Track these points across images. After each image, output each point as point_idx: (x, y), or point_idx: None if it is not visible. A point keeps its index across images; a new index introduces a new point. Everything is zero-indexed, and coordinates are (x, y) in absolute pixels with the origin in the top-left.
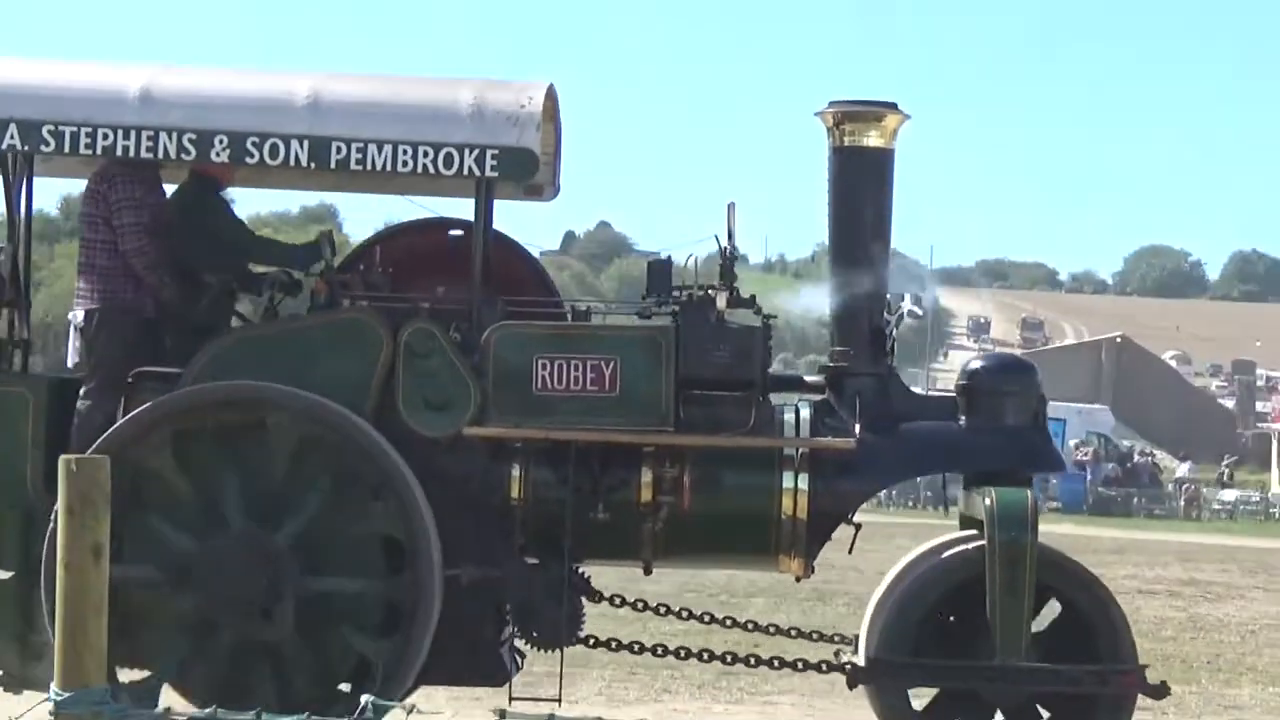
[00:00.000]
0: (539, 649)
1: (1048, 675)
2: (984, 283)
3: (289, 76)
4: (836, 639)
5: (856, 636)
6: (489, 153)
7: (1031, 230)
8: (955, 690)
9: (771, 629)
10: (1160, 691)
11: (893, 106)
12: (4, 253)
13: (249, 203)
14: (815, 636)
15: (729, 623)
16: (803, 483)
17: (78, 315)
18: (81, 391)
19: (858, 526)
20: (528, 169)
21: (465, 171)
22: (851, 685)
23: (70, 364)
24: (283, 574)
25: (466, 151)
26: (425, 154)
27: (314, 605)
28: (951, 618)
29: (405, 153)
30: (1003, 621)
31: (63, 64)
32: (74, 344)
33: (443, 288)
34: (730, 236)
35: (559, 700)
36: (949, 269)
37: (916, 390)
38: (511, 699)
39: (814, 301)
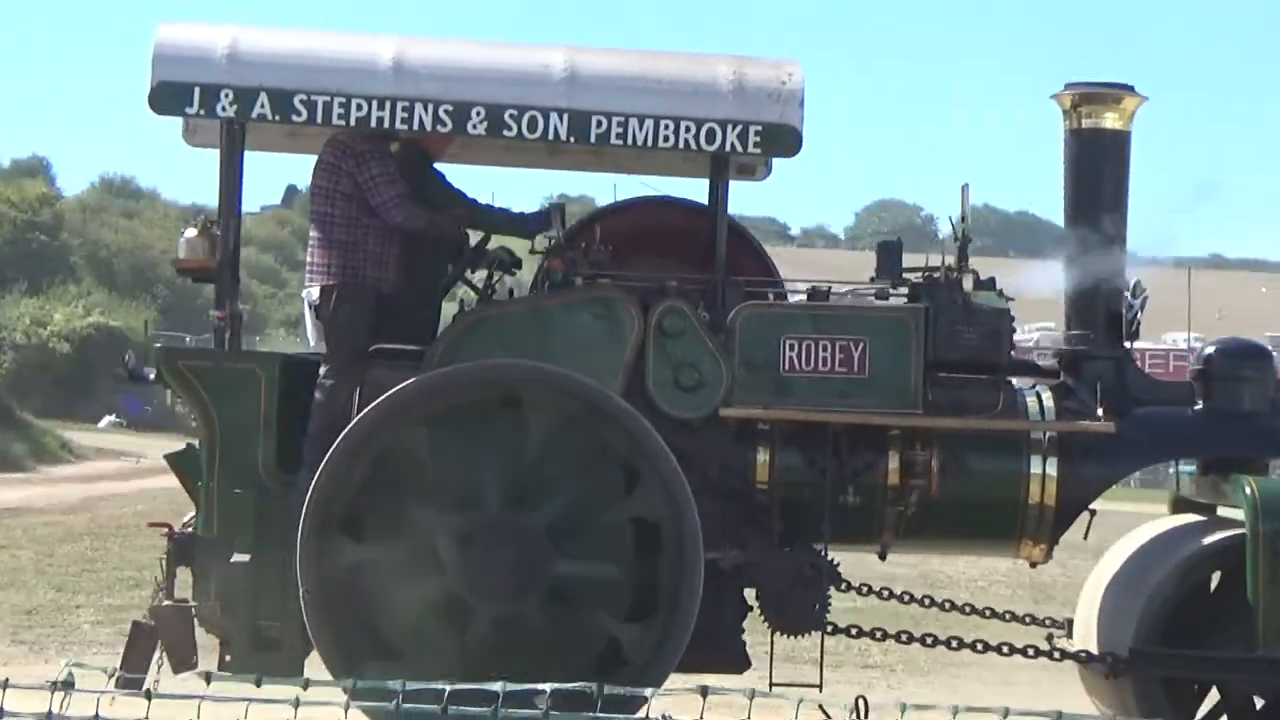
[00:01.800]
0: (788, 635)
1: None
2: None
3: (541, 49)
4: (1048, 623)
5: (1069, 621)
6: (752, 129)
7: (760, 186)
8: (1191, 681)
9: (987, 612)
10: None
11: (1130, 89)
12: (206, 223)
13: None
14: (1028, 620)
15: (948, 606)
16: (1051, 468)
17: (313, 293)
18: (322, 371)
19: (1093, 513)
20: (791, 146)
21: (728, 148)
22: (1111, 676)
23: (312, 343)
24: (540, 557)
25: (730, 128)
26: (688, 129)
27: (566, 589)
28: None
29: (667, 128)
30: (1266, 612)
31: (298, 32)
32: (311, 322)
33: (668, 267)
34: (964, 218)
35: (820, 686)
36: None
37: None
38: (772, 685)
39: (1043, 281)
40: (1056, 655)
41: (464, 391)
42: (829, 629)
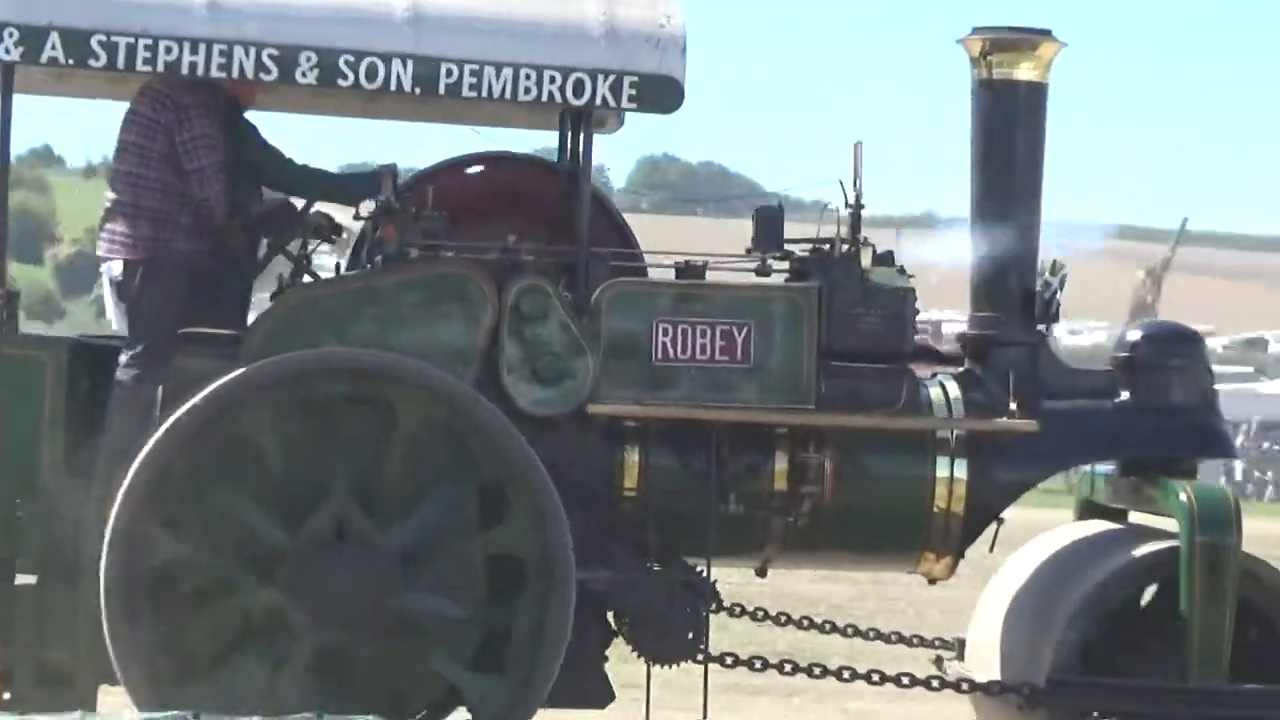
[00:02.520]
0: (661, 664)
1: (1257, 697)
2: None
3: None
4: (938, 644)
5: (960, 641)
6: (627, 79)
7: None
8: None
9: (871, 634)
10: None
11: (1047, 34)
12: None
13: None
14: (915, 641)
15: (828, 627)
16: (960, 471)
17: (114, 268)
18: (123, 358)
19: (1000, 521)
20: (671, 99)
21: (599, 101)
22: (1026, 709)
23: (115, 325)
24: (387, 585)
25: (600, 78)
26: (552, 80)
27: (406, 623)
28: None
29: (528, 78)
30: (1202, 636)
31: None
32: (113, 302)
33: (513, 236)
34: (857, 181)
35: (704, 716)
36: None
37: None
38: (648, 716)
39: (949, 254)
40: (964, 687)
41: (321, 380)
42: (713, 657)
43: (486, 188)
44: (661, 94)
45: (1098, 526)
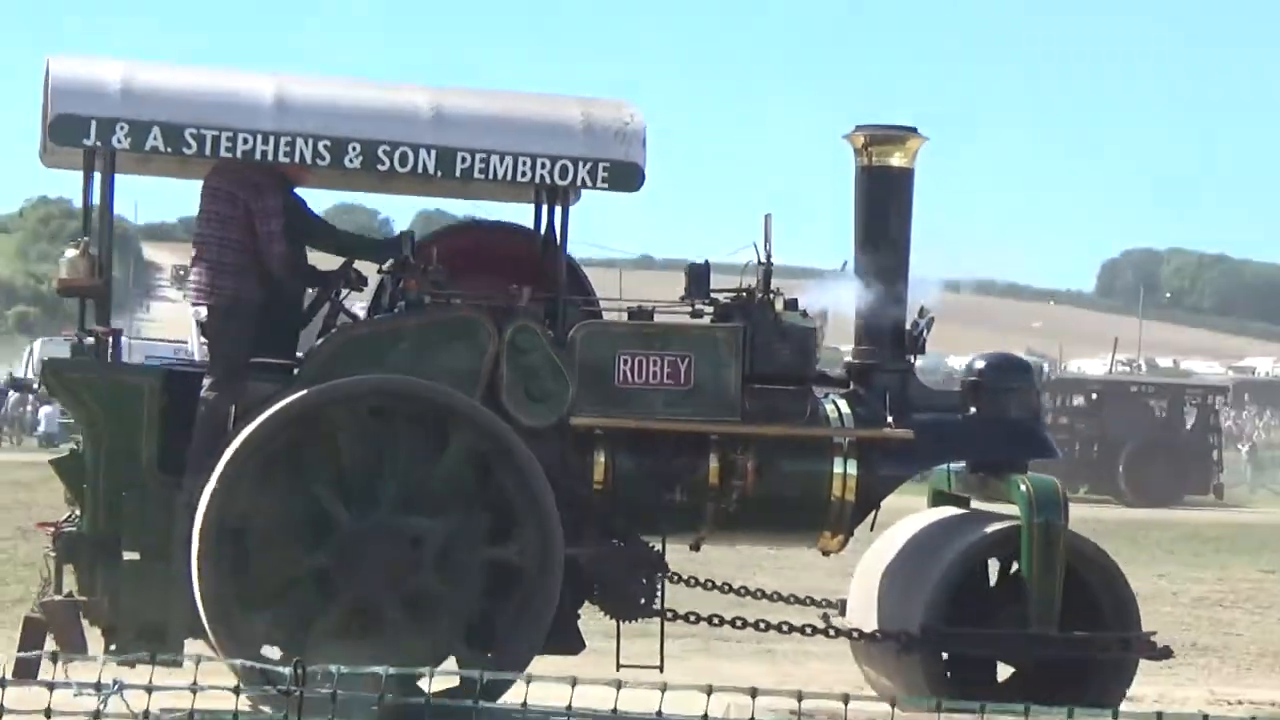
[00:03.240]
0: (624, 620)
1: (1080, 642)
2: (185, 235)
3: (407, 89)
4: (825, 604)
5: (842, 601)
6: (601, 165)
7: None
8: (974, 657)
9: (775, 596)
10: (1165, 654)
11: (914, 130)
12: (87, 245)
13: None
14: (799, 600)
15: (726, 589)
16: (852, 468)
17: (201, 312)
18: (206, 383)
19: (877, 507)
20: (634, 181)
21: (580, 182)
22: (903, 653)
23: (196, 356)
24: (415, 569)
25: (581, 164)
26: (543, 165)
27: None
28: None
29: (524, 164)
30: (1038, 595)
31: (185, 69)
32: (196, 336)
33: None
34: (767, 244)
35: (660, 667)
36: (152, 224)
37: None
38: (620, 666)
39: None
40: (855, 636)
41: (384, 400)
42: (669, 615)
43: (478, 248)
44: (627, 177)
45: (949, 511)
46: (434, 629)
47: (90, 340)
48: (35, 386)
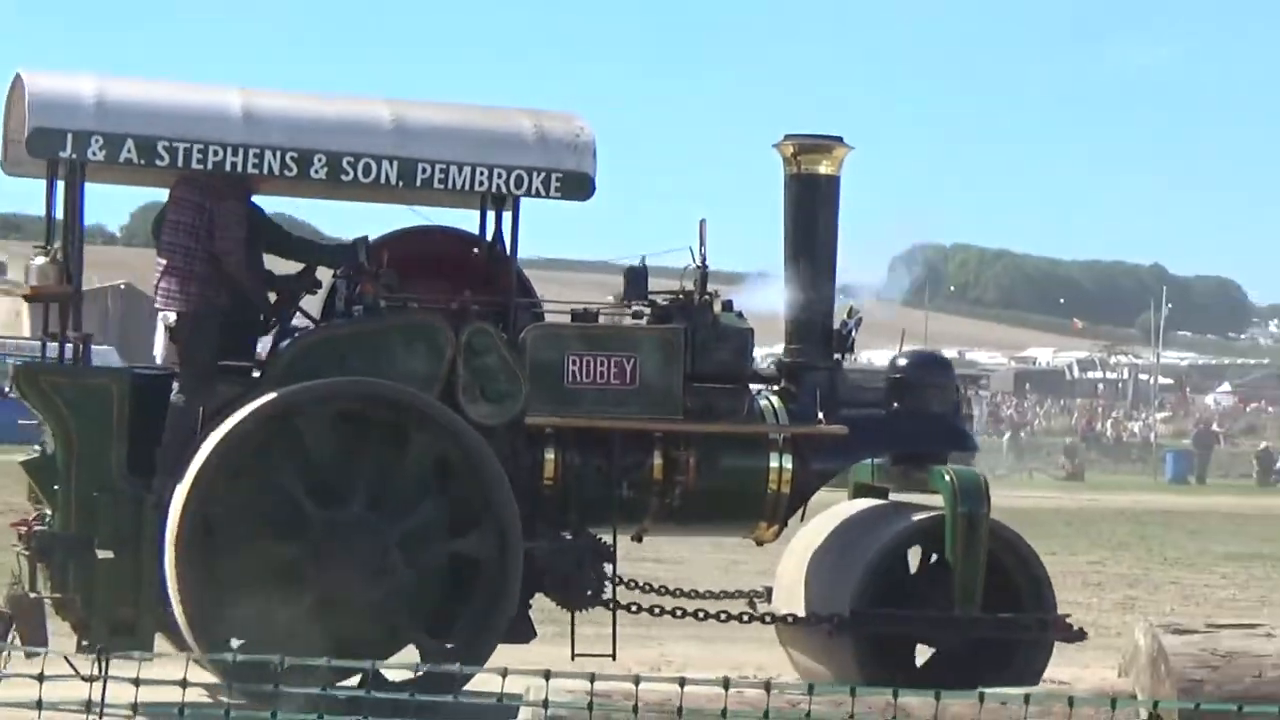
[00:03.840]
0: (575, 610)
1: (1002, 623)
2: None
3: (368, 102)
4: (751, 593)
5: (769, 589)
6: (554, 175)
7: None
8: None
9: (707, 591)
10: (1080, 635)
11: (840, 140)
12: (56, 252)
13: None
14: (727, 594)
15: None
16: (788, 463)
17: (169, 316)
18: (176, 386)
19: (809, 498)
20: (585, 190)
21: (533, 192)
22: (834, 635)
23: (160, 359)
24: (384, 562)
25: (535, 174)
26: (499, 175)
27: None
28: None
29: (482, 174)
30: (962, 579)
31: (155, 83)
32: (163, 341)
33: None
34: (702, 248)
35: (613, 655)
36: None
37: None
38: (574, 655)
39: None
40: (789, 620)
41: (351, 402)
42: (623, 606)
43: (425, 253)
44: (579, 186)
45: (871, 502)
46: (397, 620)
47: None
48: (6, 390)
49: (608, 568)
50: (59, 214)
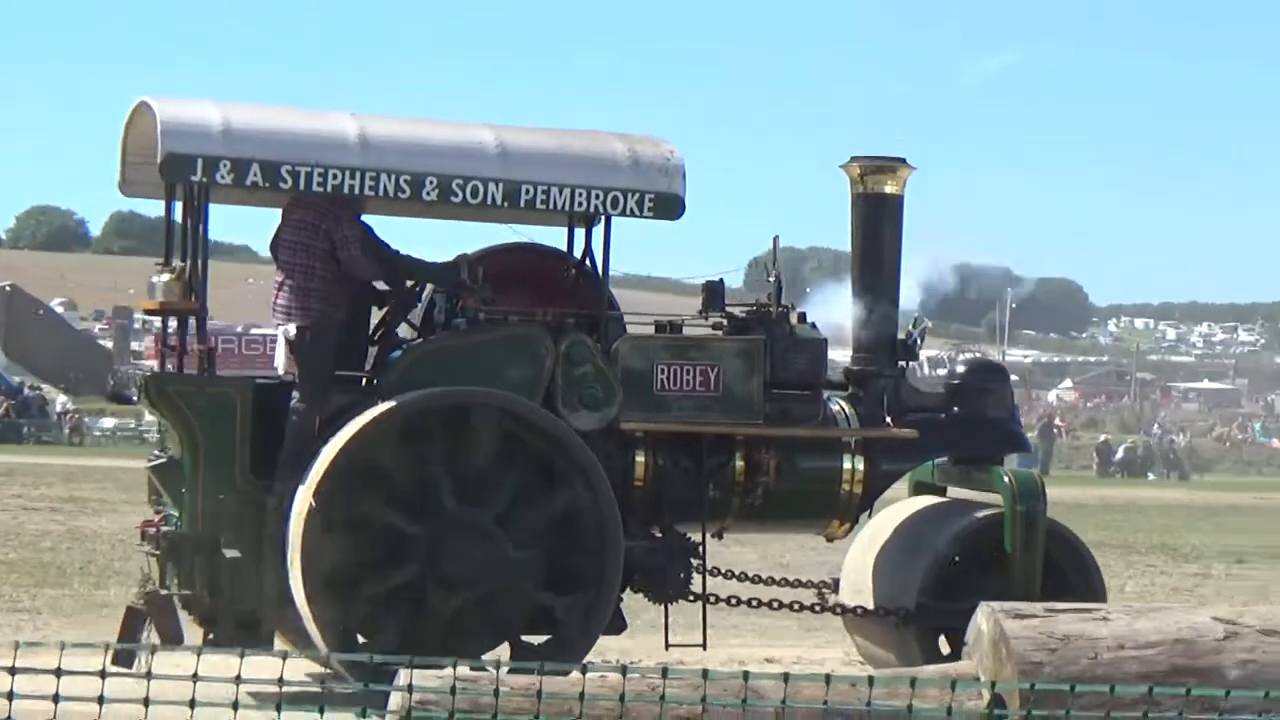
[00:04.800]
0: (665, 603)
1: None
2: None
3: (472, 127)
4: (820, 585)
5: (836, 580)
6: (647, 197)
7: None
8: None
9: (784, 580)
10: None
11: (903, 161)
12: (183, 269)
13: None
14: (808, 583)
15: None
16: (860, 464)
17: (289, 330)
18: (295, 395)
19: (877, 496)
20: (675, 210)
21: (628, 212)
22: (901, 626)
23: (280, 370)
24: (496, 546)
25: (630, 195)
26: (597, 196)
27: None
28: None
29: (581, 195)
30: (1021, 572)
31: (275, 109)
32: (283, 353)
33: (537, 303)
34: (776, 263)
35: (704, 645)
36: None
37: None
38: (668, 646)
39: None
40: (859, 612)
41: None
42: (692, 598)
43: (518, 267)
44: (670, 207)
45: (931, 499)
46: (503, 619)
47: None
48: (134, 399)
49: (694, 563)
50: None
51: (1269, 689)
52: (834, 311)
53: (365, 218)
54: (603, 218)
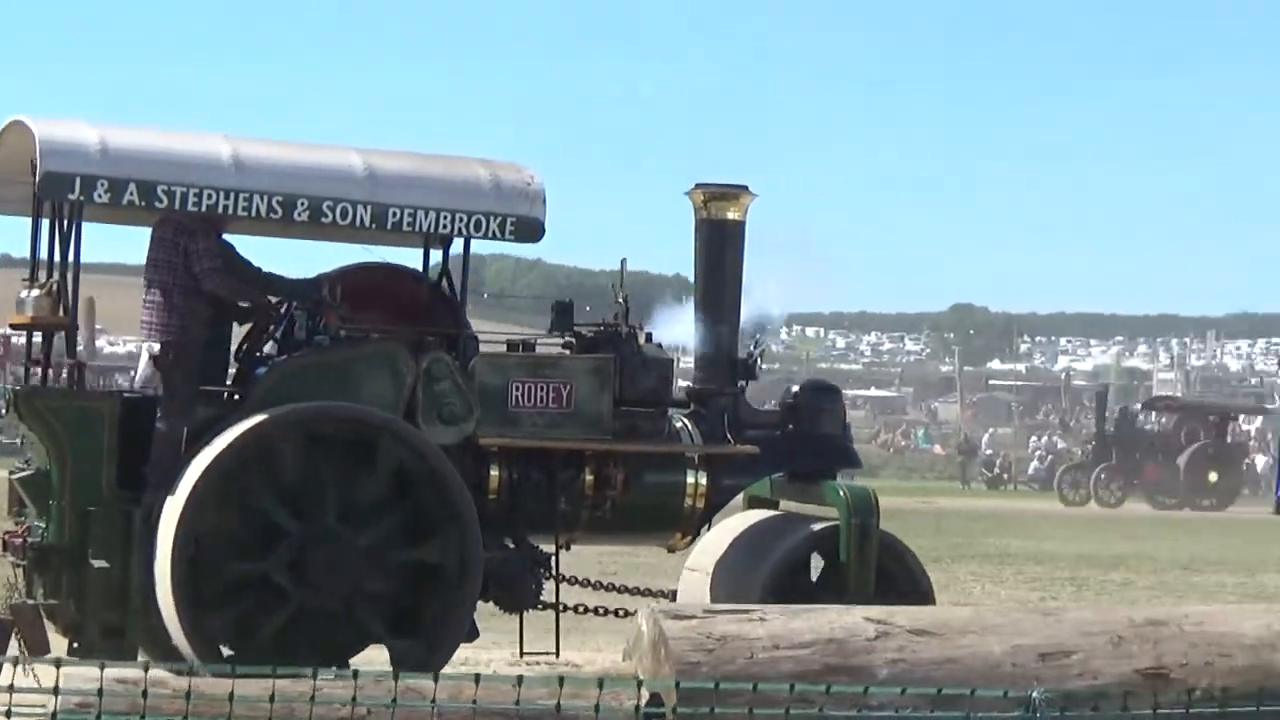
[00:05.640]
0: (513, 612)
1: None
2: None
3: (340, 150)
4: (659, 595)
5: (674, 592)
6: (509, 220)
7: None
8: None
9: (623, 588)
10: None
11: (745, 188)
12: (52, 285)
13: None
14: (645, 591)
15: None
16: (703, 479)
17: (154, 346)
18: (160, 411)
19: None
20: (536, 234)
21: (490, 235)
22: None
23: (139, 385)
24: (358, 570)
25: (492, 219)
26: (461, 220)
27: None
28: None
29: (445, 218)
30: (856, 584)
31: (151, 131)
32: (146, 368)
33: (393, 322)
34: (623, 284)
35: (557, 652)
36: None
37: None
38: (522, 654)
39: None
40: None
41: (329, 426)
42: (541, 606)
43: (372, 287)
44: (531, 230)
45: (766, 512)
46: (368, 623)
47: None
48: (2, 413)
49: (544, 574)
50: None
51: (917, 687)
52: (679, 332)
53: (230, 236)
54: (462, 240)
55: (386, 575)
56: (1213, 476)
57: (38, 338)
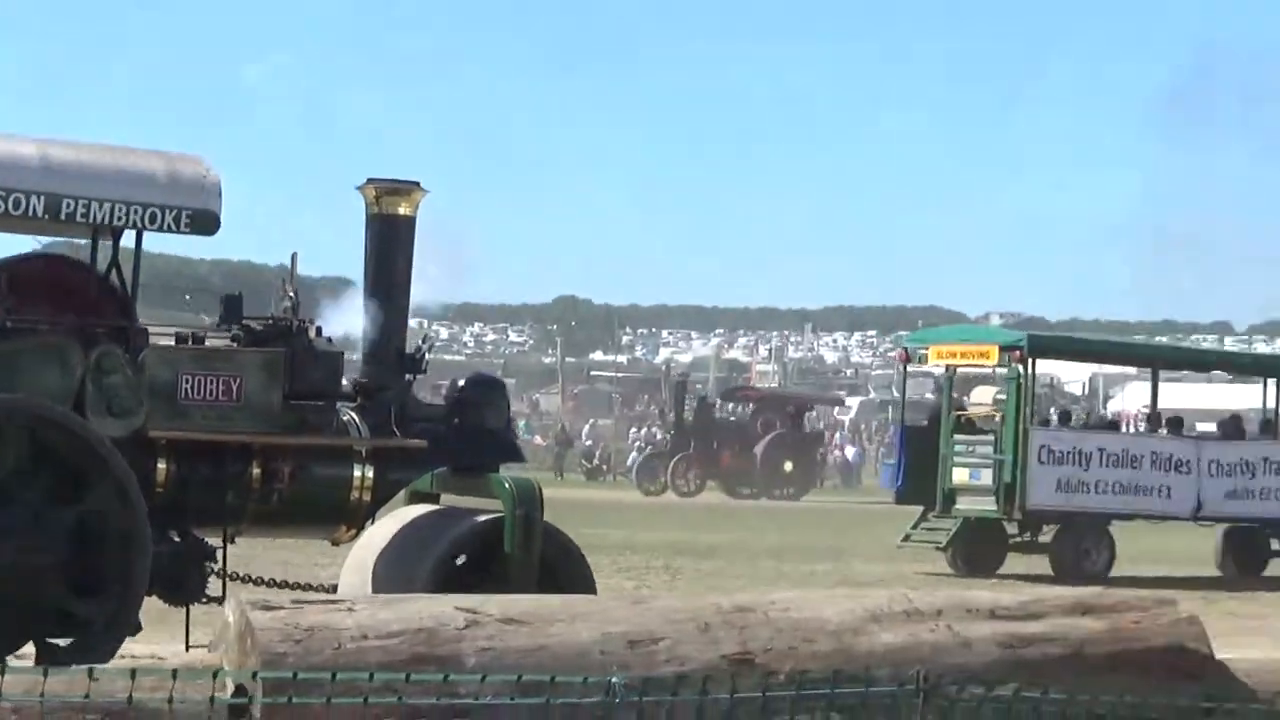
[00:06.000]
0: (178, 605)
1: None
2: None
3: (15, 140)
4: (320, 588)
5: (334, 586)
6: (184, 213)
7: None
8: None
9: (274, 582)
10: None
11: (417, 184)
12: None
13: None
14: (309, 586)
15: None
16: (369, 472)
17: None
18: None
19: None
20: (212, 227)
21: (165, 227)
22: None
23: None
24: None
25: (168, 211)
26: (136, 212)
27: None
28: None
29: (120, 210)
30: (519, 575)
31: None
32: None
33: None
34: (293, 279)
35: (187, 646)
36: None
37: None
38: (189, 648)
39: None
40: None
41: None
42: (206, 600)
43: (42, 278)
44: (206, 223)
45: (428, 506)
46: (26, 621)
47: None
48: None
49: (211, 567)
50: None
51: (505, 674)
52: (350, 325)
53: None
54: (135, 232)
55: (52, 542)
56: (788, 466)
57: None
